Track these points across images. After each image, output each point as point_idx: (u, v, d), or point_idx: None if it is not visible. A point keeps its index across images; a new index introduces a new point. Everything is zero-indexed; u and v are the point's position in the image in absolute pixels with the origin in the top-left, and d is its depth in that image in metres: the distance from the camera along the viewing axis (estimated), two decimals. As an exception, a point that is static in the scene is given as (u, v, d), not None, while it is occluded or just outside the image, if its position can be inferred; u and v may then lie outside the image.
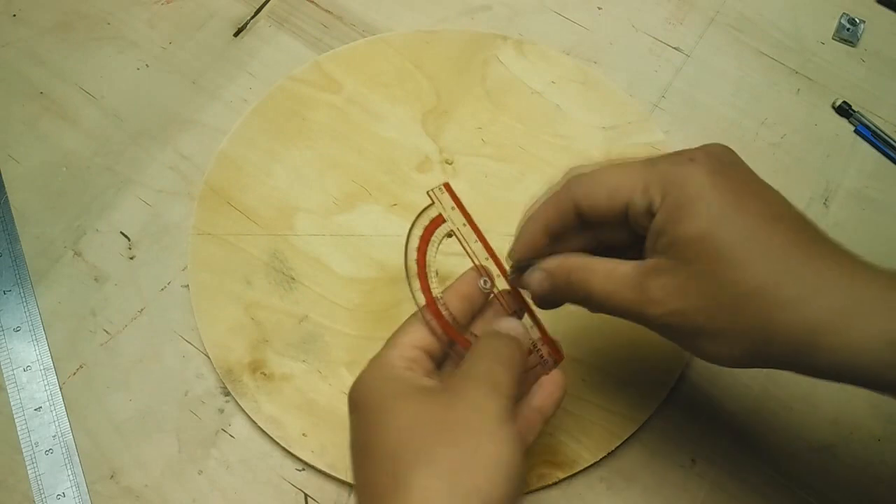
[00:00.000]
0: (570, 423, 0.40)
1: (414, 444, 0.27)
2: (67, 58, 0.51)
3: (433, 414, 0.28)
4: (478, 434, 0.27)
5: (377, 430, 0.29)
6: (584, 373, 0.41)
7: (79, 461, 0.39)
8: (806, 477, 0.40)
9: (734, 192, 0.29)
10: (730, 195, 0.29)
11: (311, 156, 0.47)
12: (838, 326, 0.26)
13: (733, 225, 0.28)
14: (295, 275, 0.43)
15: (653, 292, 0.29)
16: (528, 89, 0.49)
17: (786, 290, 0.27)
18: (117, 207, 0.46)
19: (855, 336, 0.26)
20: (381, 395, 0.30)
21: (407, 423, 0.28)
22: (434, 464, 0.26)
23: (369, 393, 0.30)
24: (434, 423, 0.28)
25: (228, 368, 0.41)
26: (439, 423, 0.28)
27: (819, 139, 0.50)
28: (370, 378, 0.31)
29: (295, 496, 0.39)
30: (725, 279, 0.28)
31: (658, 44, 0.53)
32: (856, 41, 0.53)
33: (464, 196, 0.45)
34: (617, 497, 0.39)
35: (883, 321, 0.26)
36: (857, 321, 0.26)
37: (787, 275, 0.27)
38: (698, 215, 0.28)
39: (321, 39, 0.52)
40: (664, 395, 0.41)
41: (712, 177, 0.29)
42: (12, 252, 0.44)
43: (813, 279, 0.27)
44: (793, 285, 0.27)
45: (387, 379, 0.30)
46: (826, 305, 0.26)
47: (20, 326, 0.42)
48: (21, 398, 0.41)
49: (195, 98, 0.49)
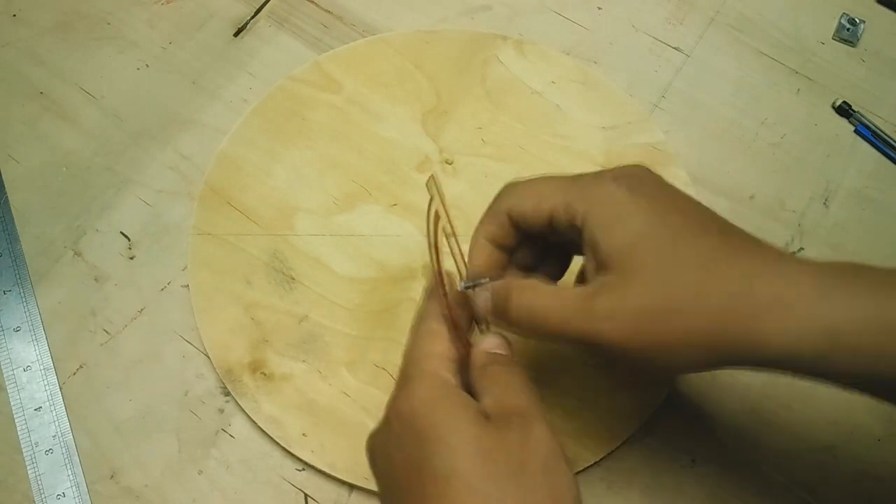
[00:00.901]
0: (570, 423, 0.40)
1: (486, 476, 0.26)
2: (67, 58, 0.51)
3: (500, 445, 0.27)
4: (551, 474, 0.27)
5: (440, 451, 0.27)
6: (584, 373, 0.41)
7: (79, 461, 0.39)
8: (806, 477, 0.40)
9: (654, 209, 0.30)
10: (650, 212, 0.30)
11: (311, 156, 0.47)
12: (772, 322, 0.27)
13: (655, 240, 0.29)
14: (295, 275, 0.43)
15: (599, 315, 0.29)
16: (528, 89, 0.49)
17: (714, 296, 0.28)
18: (117, 207, 0.46)
19: (791, 327, 0.27)
20: (444, 414, 0.28)
21: (474, 451, 0.27)
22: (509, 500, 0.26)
23: (429, 411, 0.28)
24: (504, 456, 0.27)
25: (228, 368, 0.41)
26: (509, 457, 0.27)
27: (819, 139, 0.50)
28: (427, 393, 0.29)
29: (295, 496, 0.39)
30: (660, 290, 0.28)
31: (658, 44, 0.53)
32: (856, 41, 0.53)
33: (464, 196, 0.45)
34: (617, 497, 0.39)
35: (815, 310, 0.27)
36: (790, 314, 0.27)
37: (715, 280, 0.28)
38: (624, 231, 0.29)
39: (321, 39, 0.52)
40: (664, 395, 0.41)
41: (633, 195, 0.30)
42: (12, 252, 0.44)
43: (741, 280, 0.28)
44: (721, 289, 0.28)
45: (445, 397, 0.29)
46: (757, 303, 0.27)
47: (20, 326, 0.42)
48: (21, 398, 0.41)
49: (195, 98, 0.49)
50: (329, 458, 0.39)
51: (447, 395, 0.29)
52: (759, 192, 0.47)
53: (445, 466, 0.27)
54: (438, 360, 0.30)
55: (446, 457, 0.27)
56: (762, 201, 0.47)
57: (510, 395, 0.30)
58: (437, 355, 0.31)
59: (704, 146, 0.49)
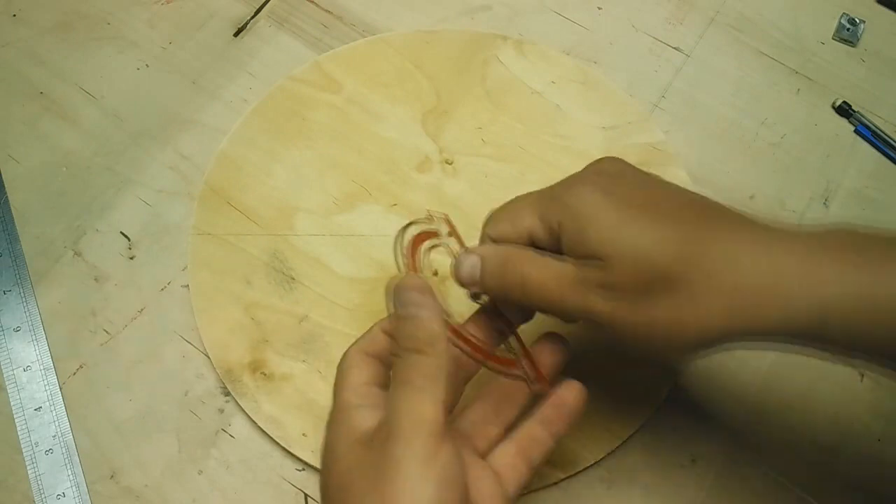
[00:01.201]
0: (570, 423, 0.40)
1: (351, 491, 0.27)
2: (67, 58, 0.51)
3: (368, 459, 0.28)
4: (395, 481, 0.26)
5: (326, 474, 0.29)
6: (584, 373, 0.41)
7: (79, 461, 0.39)
8: (806, 477, 0.40)
9: (630, 204, 0.30)
10: (627, 208, 0.30)
11: (311, 156, 0.47)
12: (760, 298, 0.27)
13: (634, 233, 0.29)
14: (295, 275, 0.43)
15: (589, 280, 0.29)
16: (528, 89, 0.49)
17: (697, 279, 0.28)
18: (117, 207, 0.46)
19: (779, 306, 0.27)
20: (334, 439, 0.30)
21: (346, 469, 0.28)
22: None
23: (327, 438, 0.30)
24: (363, 470, 0.28)
25: (228, 368, 0.41)
26: (367, 470, 0.27)
27: (819, 139, 0.50)
28: (329, 423, 0.31)
29: (295, 496, 0.39)
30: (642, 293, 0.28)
31: (658, 44, 0.53)
32: (856, 41, 0.53)
33: (464, 196, 0.45)
34: (617, 497, 0.39)
35: (804, 289, 0.27)
36: (778, 294, 0.27)
37: (700, 263, 0.28)
38: (599, 230, 0.29)
39: (321, 39, 0.52)
40: (664, 395, 0.41)
41: (603, 195, 0.30)
42: (12, 252, 0.44)
43: (727, 261, 0.28)
44: (703, 272, 0.28)
45: (339, 423, 0.30)
46: (746, 281, 0.27)
47: (20, 326, 0.42)
48: (21, 398, 0.41)
49: (195, 98, 0.49)
50: (329, 458, 0.39)
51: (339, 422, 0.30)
52: (759, 192, 0.47)
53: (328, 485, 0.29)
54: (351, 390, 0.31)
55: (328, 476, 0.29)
56: (762, 201, 0.47)
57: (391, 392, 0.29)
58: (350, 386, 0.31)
59: (704, 146, 0.49)
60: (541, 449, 0.32)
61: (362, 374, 0.31)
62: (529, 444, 0.32)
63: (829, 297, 0.27)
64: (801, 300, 0.27)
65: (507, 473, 0.31)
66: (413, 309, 0.29)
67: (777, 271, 0.27)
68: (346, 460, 0.28)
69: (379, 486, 0.26)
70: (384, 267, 0.44)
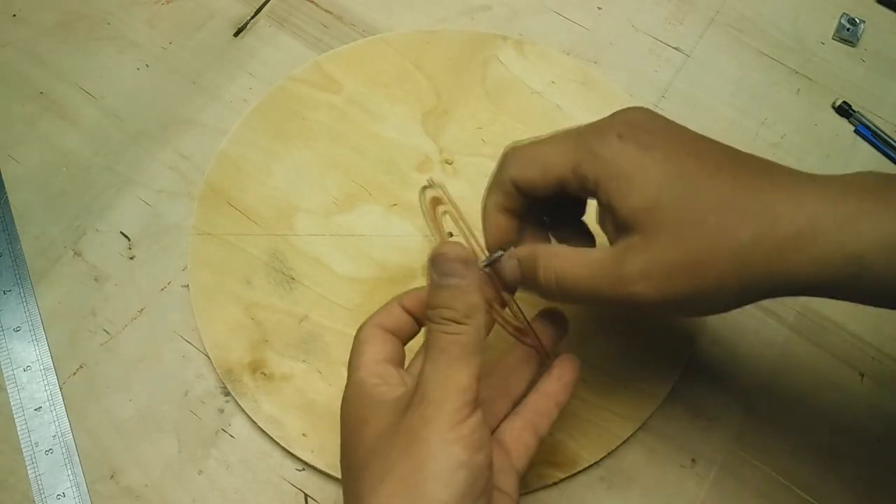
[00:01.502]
0: (570, 423, 0.40)
1: (375, 462, 0.28)
2: (67, 58, 0.51)
3: (394, 427, 0.28)
4: (427, 443, 0.27)
5: (348, 451, 0.30)
6: (584, 373, 0.41)
7: (79, 461, 0.39)
8: (806, 477, 0.40)
9: (668, 159, 0.30)
10: (664, 164, 0.29)
11: (311, 156, 0.47)
12: (798, 254, 0.27)
13: (672, 192, 0.29)
14: (295, 275, 0.43)
15: (629, 270, 0.29)
16: (528, 89, 0.49)
17: (739, 237, 0.28)
18: (117, 207, 0.46)
19: (817, 258, 0.27)
20: (354, 416, 0.30)
21: (370, 443, 0.29)
22: (390, 481, 0.27)
23: (346, 415, 0.31)
24: (393, 437, 0.28)
25: (228, 368, 0.41)
26: (396, 436, 0.28)
27: (819, 139, 0.50)
28: (346, 399, 0.31)
29: (295, 496, 0.39)
30: (686, 241, 0.29)
31: (658, 44, 0.53)
32: (856, 41, 0.53)
33: (464, 196, 0.45)
34: (617, 497, 0.39)
35: (841, 237, 0.27)
36: (815, 245, 0.27)
37: (738, 221, 0.28)
38: (641, 190, 0.29)
39: (321, 39, 0.52)
40: (664, 395, 0.41)
41: (642, 150, 0.30)
42: (12, 252, 0.44)
43: (764, 215, 0.28)
44: (745, 229, 0.28)
45: (360, 396, 0.30)
46: (782, 236, 0.27)
47: (20, 326, 0.42)
48: (21, 398, 0.41)
49: (195, 98, 0.49)
50: (329, 458, 0.39)
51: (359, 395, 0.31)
52: (759, 192, 0.47)
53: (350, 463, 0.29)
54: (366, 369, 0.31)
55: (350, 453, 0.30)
56: (762, 201, 0.47)
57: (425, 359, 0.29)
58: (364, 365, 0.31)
59: (704, 146, 0.49)
60: (547, 420, 0.33)
61: (377, 351, 0.32)
62: (536, 416, 0.33)
63: (865, 245, 0.27)
64: (838, 250, 0.27)
65: (516, 447, 0.32)
66: (455, 280, 0.29)
67: (815, 224, 0.27)
68: (376, 425, 0.29)
69: (413, 448, 0.27)
70: (384, 267, 0.44)
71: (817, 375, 0.42)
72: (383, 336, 0.32)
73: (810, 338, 0.43)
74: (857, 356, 0.43)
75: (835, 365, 0.42)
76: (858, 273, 0.27)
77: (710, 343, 0.43)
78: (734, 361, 0.42)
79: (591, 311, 0.42)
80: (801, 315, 0.44)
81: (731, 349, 0.43)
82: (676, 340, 0.42)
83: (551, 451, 0.39)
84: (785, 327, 0.43)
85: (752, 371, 0.42)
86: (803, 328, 0.43)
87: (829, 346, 0.43)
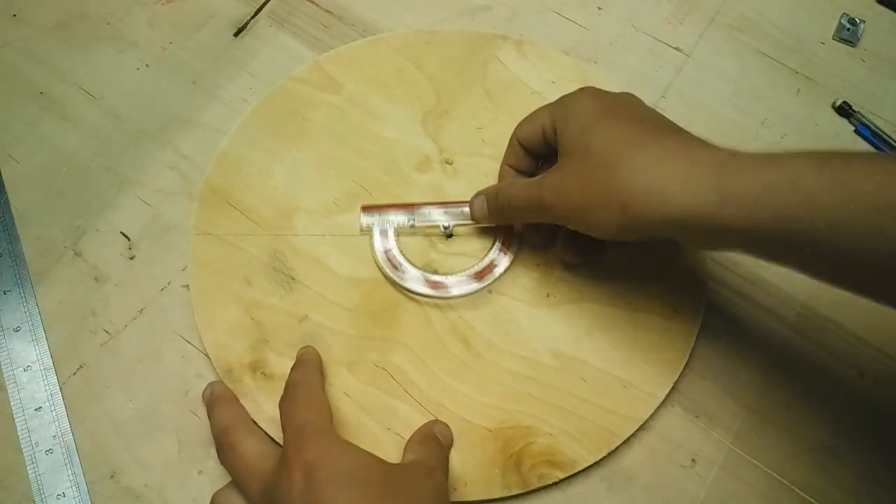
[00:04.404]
0: (570, 423, 0.40)
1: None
2: (67, 58, 0.51)
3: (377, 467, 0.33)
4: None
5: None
6: (585, 373, 0.41)
7: (79, 461, 0.39)
8: (806, 477, 0.40)
9: (606, 106, 0.37)
10: (602, 108, 0.37)
11: (311, 156, 0.47)
12: (678, 185, 0.33)
13: (601, 126, 0.36)
14: (295, 275, 0.43)
15: (546, 186, 0.37)
16: (528, 89, 0.49)
17: (636, 162, 0.34)
18: (117, 207, 0.46)
19: (691, 189, 0.32)
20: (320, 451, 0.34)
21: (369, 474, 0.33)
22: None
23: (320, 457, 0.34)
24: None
25: (228, 368, 0.41)
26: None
27: (819, 139, 0.50)
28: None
29: (295, 496, 0.39)
30: (592, 163, 0.35)
31: (658, 44, 0.53)
32: (856, 41, 0.53)
33: (464, 196, 0.45)
34: (617, 497, 0.39)
35: (712, 176, 0.32)
36: (692, 178, 0.33)
37: (639, 153, 0.34)
38: (576, 121, 0.37)
39: (321, 39, 0.52)
40: (664, 395, 0.41)
41: (592, 98, 0.38)
42: (12, 252, 0.44)
43: (658, 152, 0.34)
44: (642, 159, 0.34)
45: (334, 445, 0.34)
46: (670, 168, 0.33)
47: (20, 326, 0.42)
48: (21, 398, 0.41)
49: (195, 98, 0.49)
50: (329, 458, 0.39)
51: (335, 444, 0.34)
52: (759, 192, 0.47)
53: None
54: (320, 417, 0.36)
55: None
56: (762, 201, 0.47)
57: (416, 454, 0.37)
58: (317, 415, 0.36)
59: (704, 146, 0.49)
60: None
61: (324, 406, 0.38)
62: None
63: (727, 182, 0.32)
64: (705, 185, 0.32)
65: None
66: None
67: (694, 162, 0.33)
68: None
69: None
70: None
71: (817, 375, 0.42)
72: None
73: (810, 338, 0.43)
74: (857, 356, 0.43)
75: (835, 365, 0.42)
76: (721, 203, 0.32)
77: (709, 343, 0.43)
78: (734, 361, 0.42)
79: (591, 310, 0.43)
80: (801, 315, 0.44)
81: (731, 349, 0.43)
82: (676, 340, 0.42)
83: (552, 451, 0.39)
84: (785, 327, 0.43)
85: (752, 371, 0.42)
86: (803, 328, 0.43)
87: (829, 346, 0.43)
